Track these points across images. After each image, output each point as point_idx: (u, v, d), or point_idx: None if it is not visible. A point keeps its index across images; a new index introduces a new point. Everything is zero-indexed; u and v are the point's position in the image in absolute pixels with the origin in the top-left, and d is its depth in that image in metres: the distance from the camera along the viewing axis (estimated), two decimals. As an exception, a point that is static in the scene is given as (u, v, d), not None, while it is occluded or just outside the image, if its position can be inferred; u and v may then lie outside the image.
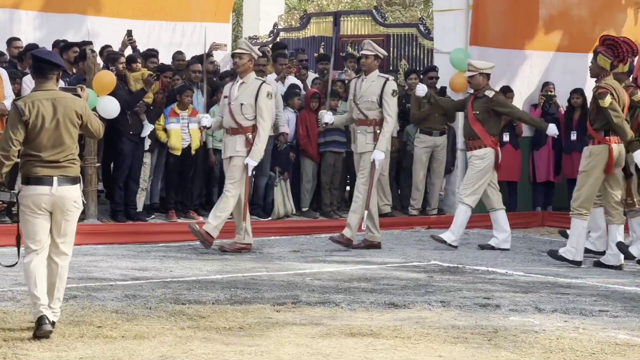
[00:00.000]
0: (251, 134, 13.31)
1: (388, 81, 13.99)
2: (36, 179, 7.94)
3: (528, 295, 10.73)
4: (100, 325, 8.62)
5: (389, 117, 13.82)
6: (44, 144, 7.95)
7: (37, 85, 8.14)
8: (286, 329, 8.78)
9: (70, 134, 8.09)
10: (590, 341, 8.50)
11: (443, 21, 18.17)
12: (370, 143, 13.89)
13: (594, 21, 19.09)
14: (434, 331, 8.79)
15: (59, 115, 7.97)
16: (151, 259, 12.70)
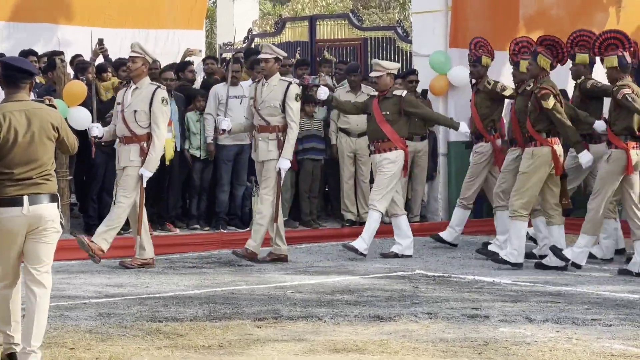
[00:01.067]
0: (146, 143, 12.86)
1: (291, 85, 13.58)
2: (6, 200, 7.31)
3: (517, 305, 10.61)
4: (73, 347, 8.51)
5: (292, 122, 13.42)
6: (16, 161, 7.33)
7: (8, 96, 7.51)
8: (268, 345, 8.67)
9: (46, 148, 7.49)
10: (585, 352, 8.42)
11: (422, 23, 18.15)
12: (274, 150, 13.45)
13: (575, 21, 19.02)
14: (421, 345, 8.69)
15: (34, 128, 7.39)
16: (126, 275, 12.55)
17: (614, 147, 12.80)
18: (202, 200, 15.89)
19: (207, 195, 15.89)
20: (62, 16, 17.94)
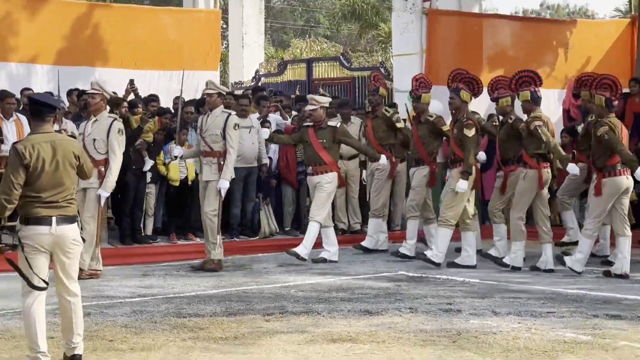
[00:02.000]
0: (103, 167, 12.49)
1: (230, 116, 13.16)
2: (36, 219, 7.13)
3: (485, 300, 10.57)
4: (112, 339, 8.49)
5: (231, 148, 12.98)
6: (44, 186, 7.15)
7: (35, 128, 7.38)
8: (275, 337, 8.63)
9: (69, 175, 7.33)
10: (542, 340, 8.40)
11: (401, 64, 18.20)
12: (216, 173, 13.03)
13: (530, 60, 19.10)
14: (405, 335, 8.65)
15: (59, 157, 7.21)
16: (155, 278, 12.52)
17: (529, 167, 12.89)
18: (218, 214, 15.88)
19: (222, 210, 15.87)
20: (100, 60, 17.99)
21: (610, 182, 12.23)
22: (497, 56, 18.98)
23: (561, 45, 19.71)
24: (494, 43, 19.14)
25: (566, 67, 18.71)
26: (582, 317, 9.46)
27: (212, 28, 20.20)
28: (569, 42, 19.82)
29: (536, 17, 39.45)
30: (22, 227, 7.14)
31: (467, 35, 18.71)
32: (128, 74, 17.25)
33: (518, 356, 7.78)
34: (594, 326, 9.01)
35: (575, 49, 19.75)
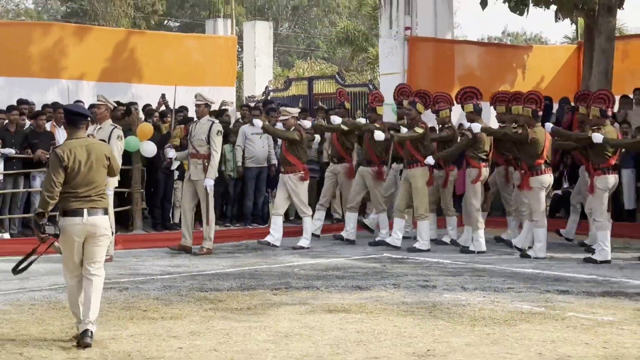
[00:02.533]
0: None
1: (214, 124, 12.83)
2: (71, 211, 7.07)
3: (456, 278, 10.57)
4: (146, 309, 8.52)
5: (214, 152, 12.63)
6: (79, 183, 7.08)
7: (70, 134, 7.28)
8: (281, 308, 8.65)
9: (101, 174, 7.26)
10: (503, 311, 8.42)
11: (386, 81, 18.13)
12: (201, 173, 12.64)
13: (493, 79, 19.14)
14: (389, 307, 8.68)
15: (92, 159, 7.15)
16: (182, 258, 12.49)
17: (472, 166, 13.01)
18: (234, 205, 15.90)
19: (237, 202, 15.91)
20: (135, 77, 17.98)
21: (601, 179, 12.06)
22: (466, 76, 18.95)
23: (519, 67, 19.70)
24: (464, 65, 19.13)
25: (524, 85, 18.64)
26: (537, 292, 9.48)
27: (229, 51, 20.21)
28: (526, 64, 19.81)
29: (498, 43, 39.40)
30: (60, 218, 7.11)
31: (441, 58, 18.70)
32: (159, 89, 17.30)
33: (483, 324, 7.78)
34: (546, 300, 9.03)
35: (531, 70, 19.73)
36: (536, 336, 7.27)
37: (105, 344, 7.03)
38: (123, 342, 7.09)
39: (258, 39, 23.21)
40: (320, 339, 7.20)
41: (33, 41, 16.89)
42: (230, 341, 7.14)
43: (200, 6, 50.94)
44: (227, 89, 19.43)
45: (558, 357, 6.58)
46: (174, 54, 18.83)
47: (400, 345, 6.97)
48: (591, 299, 9.06)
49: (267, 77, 23.09)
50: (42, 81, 16.61)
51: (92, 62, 17.47)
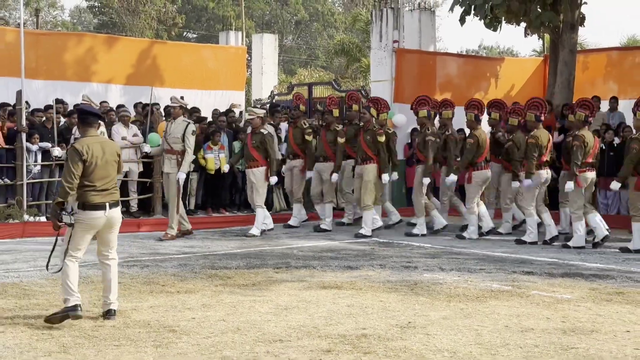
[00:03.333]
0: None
1: (189, 124, 12.41)
2: (93, 205, 6.80)
3: (434, 260, 10.57)
4: (164, 284, 8.52)
5: (188, 149, 12.26)
6: (97, 177, 6.82)
7: (85, 132, 7.03)
8: (282, 284, 8.65)
9: (114, 168, 7.01)
10: (476, 289, 8.42)
11: (376, 87, 18.11)
12: (175, 167, 12.29)
13: (470, 87, 19.09)
14: (376, 284, 8.68)
15: (107, 155, 6.91)
16: (196, 240, 12.48)
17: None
18: (242, 195, 15.85)
19: (244, 192, 15.83)
20: (157, 82, 17.89)
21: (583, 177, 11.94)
22: (446, 83, 18.94)
23: (493, 76, 19.65)
24: (444, 74, 19.09)
25: (496, 92, 18.66)
26: (505, 273, 9.49)
27: (240, 60, 20.17)
28: (499, 74, 19.77)
29: (475, 55, 39.34)
30: (80, 211, 6.79)
31: (424, 68, 18.67)
32: (178, 92, 17.25)
33: (457, 300, 7.78)
34: (513, 279, 9.03)
35: (503, 79, 19.69)
36: (504, 311, 7.28)
37: (128, 314, 7.03)
38: (143, 313, 7.10)
39: (265, 50, 23.16)
40: (316, 312, 7.20)
41: (68, 49, 16.87)
42: (237, 312, 7.14)
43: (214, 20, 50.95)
44: (237, 93, 19.41)
45: (522, 329, 6.59)
46: (191, 62, 18.80)
47: (385, 318, 6.97)
48: (552, 279, 9.07)
49: (273, 83, 23.05)
50: (75, 84, 16.58)
51: (120, 67, 17.44)
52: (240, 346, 5.96)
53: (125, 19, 46.32)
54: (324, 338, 6.22)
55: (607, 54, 19.60)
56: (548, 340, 6.21)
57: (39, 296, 7.76)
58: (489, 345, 6.05)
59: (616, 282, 8.95)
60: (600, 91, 17.45)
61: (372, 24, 19.02)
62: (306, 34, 57.22)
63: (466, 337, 6.31)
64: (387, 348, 5.94)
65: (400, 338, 6.25)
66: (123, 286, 8.26)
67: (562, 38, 17.02)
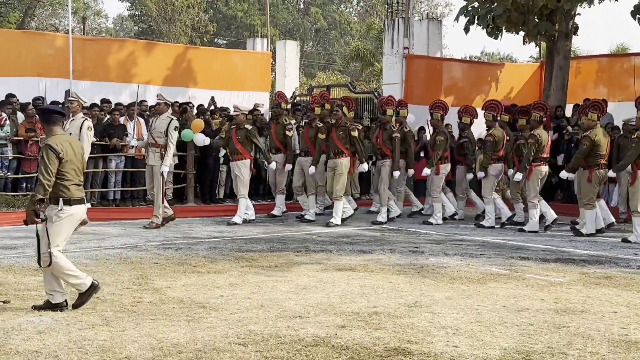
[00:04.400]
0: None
1: (172, 120, 11.82)
2: (77, 200, 6.30)
3: (439, 245, 10.52)
4: (195, 265, 8.51)
5: (171, 143, 11.69)
6: (74, 173, 6.31)
7: (51, 131, 6.37)
8: (302, 266, 8.63)
9: (82, 164, 6.46)
10: (476, 272, 8.38)
11: (388, 90, 18.03)
12: (158, 160, 11.70)
13: (472, 90, 19.04)
14: (386, 267, 8.65)
15: (76, 152, 6.35)
16: (224, 226, 12.47)
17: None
18: (265, 185, 15.80)
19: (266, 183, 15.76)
20: (191, 83, 17.96)
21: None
22: (451, 87, 18.87)
23: (493, 80, 19.56)
24: (449, 77, 19.02)
25: (496, 95, 18.56)
26: (503, 258, 9.44)
27: (265, 64, 20.16)
28: (499, 78, 19.67)
29: (477, 61, 39.09)
30: (67, 207, 6.26)
31: (431, 72, 18.61)
32: (210, 92, 17.31)
33: (460, 282, 7.75)
34: (510, 264, 8.98)
35: (503, 82, 19.59)
36: (502, 292, 7.24)
37: (163, 291, 7.05)
38: (177, 290, 7.10)
39: (288, 55, 23.13)
40: (331, 291, 7.19)
41: (111, 53, 16.92)
42: (260, 291, 7.14)
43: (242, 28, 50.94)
44: (262, 94, 19.39)
45: (518, 309, 6.55)
46: (221, 65, 18.80)
47: (394, 297, 6.95)
48: (546, 264, 9.02)
49: (294, 85, 23.02)
50: (118, 85, 16.64)
51: (157, 70, 17.47)
52: (264, 321, 5.96)
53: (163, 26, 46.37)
54: (339, 315, 6.21)
55: (598, 60, 19.50)
56: (542, 319, 6.17)
57: (84, 274, 7.78)
58: (488, 323, 6.02)
59: (604, 267, 8.89)
60: (591, 94, 17.31)
61: (385, 32, 18.96)
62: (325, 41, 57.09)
63: (467, 315, 6.29)
64: (396, 324, 5.92)
65: (408, 316, 6.23)
66: (159, 266, 8.29)
67: (557, 46, 16.91)
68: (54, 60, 15.66)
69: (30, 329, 5.60)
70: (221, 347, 5.19)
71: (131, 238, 10.59)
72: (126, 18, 56.14)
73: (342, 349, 5.21)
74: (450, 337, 5.58)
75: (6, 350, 5.04)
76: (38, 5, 43.11)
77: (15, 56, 15.48)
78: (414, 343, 5.39)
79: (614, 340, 5.57)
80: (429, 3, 48.00)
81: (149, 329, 5.64)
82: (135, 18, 52.62)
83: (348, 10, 59.10)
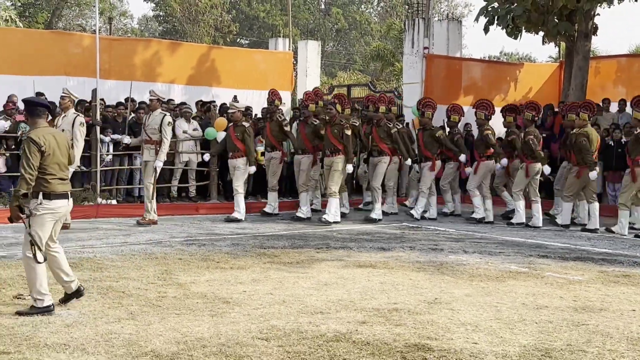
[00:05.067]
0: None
1: (165, 116, 11.58)
2: (59, 194, 6.00)
3: (459, 243, 10.49)
4: (218, 261, 8.52)
5: (165, 139, 11.43)
6: (58, 167, 6.02)
7: (35, 124, 6.11)
8: (323, 263, 8.62)
9: (67, 159, 6.18)
10: (496, 270, 8.34)
11: (408, 89, 18.06)
12: (153, 156, 11.47)
13: (492, 89, 18.95)
14: (406, 264, 8.63)
15: (60, 145, 6.07)
16: (247, 222, 12.46)
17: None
18: (287, 183, 15.74)
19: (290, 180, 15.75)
20: (215, 82, 17.97)
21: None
22: (471, 86, 18.80)
23: (512, 80, 19.46)
24: (469, 77, 18.96)
25: (515, 94, 18.51)
26: (522, 256, 9.39)
27: (287, 63, 20.15)
28: (518, 78, 19.57)
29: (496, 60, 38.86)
30: (47, 202, 5.98)
31: (451, 72, 18.55)
32: (233, 92, 17.32)
33: (479, 280, 7.72)
34: (529, 262, 8.93)
35: (522, 82, 19.49)
36: (521, 290, 7.21)
37: (187, 286, 7.08)
38: (200, 285, 7.13)
39: (309, 54, 23.10)
40: (352, 287, 7.19)
41: (137, 53, 17.00)
42: (282, 287, 7.15)
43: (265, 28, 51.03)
44: (284, 93, 19.39)
45: (537, 307, 6.51)
46: (244, 65, 18.82)
47: (414, 294, 6.94)
48: (565, 263, 8.96)
49: (316, 84, 22.99)
50: (143, 84, 16.69)
51: (181, 69, 17.52)
52: (286, 317, 5.97)
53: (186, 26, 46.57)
54: (360, 311, 6.21)
55: (617, 60, 19.34)
56: (561, 317, 6.14)
57: (110, 269, 7.84)
58: (507, 320, 5.99)
59: (623, 265, 8.82)
60: (610, 94, 17.22)
61: (405, 32, 18.92)
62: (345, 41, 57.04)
63: (487, 312, 6.26)
64: (416, 321, 5.91)
65: (428, 312, 6.22)
66: (183, 262, 8.33)
67: (576, 46, 16.80)
68: (81, 60, 15.76)
69: (58, 322, 5.65)
70: (244, 342, 5.21)
71: (156, 234, 10.64)
72: (151, 18, 56.44)
73: (363, 344, 5.21)
74: (470, 333, 5.57)
75: (35, 343, 5.09)
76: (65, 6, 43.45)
77: (43, 56, 15.60)
78: (434, 339, 5.38)
79: (632, 338, 5.52)
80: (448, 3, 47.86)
81: (173, 323, 5.67)
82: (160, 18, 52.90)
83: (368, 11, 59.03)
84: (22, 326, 5.51)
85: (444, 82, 18.27)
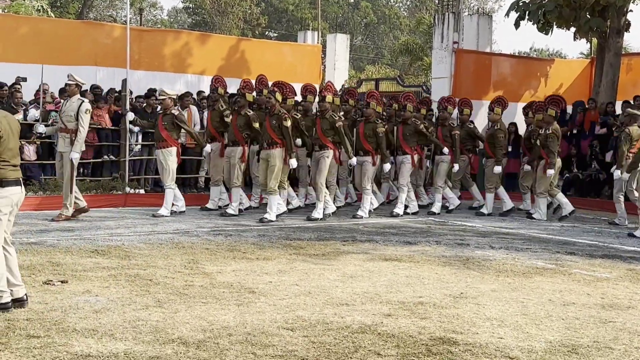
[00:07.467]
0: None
1: (83, 102, 10.69)
2: (11, 181, 5.53)
3: (485, 239, 10.43)
4: (245, 252, 8.56)
5: (82, 128, 10.58)
6: (11, 153, 5.56)
7: None
8: (348, 255, 8.63)
9: (18, 145, 5.72)
10: (522, 266, 8.28)
11: (437, 84, 18.02)
12: (68, 146, 10.62)
13: (521, 85, 18.84)
14: (432, 258, 8.60)
15: (14, 129, 5.60)
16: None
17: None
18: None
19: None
20: (244, 73, 17.97)
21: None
22: (500, 82, 18.70)
23: (543, 76, 19.33)
24: (498, 73, 18.86)
25: (545, 90, 18.37)
26: (549, 253, 9.32)
27: (315, 56, 20.22)
28: (548, 74, 19.42)
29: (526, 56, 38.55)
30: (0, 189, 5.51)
31: (480, 67, 18.46)
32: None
33: (505, 275, 7.67)
34: (556, 259, 8.86)
35: (552, 78, 19.35)
36: (547, 287, 7.16)
37: (214, 276, 7.12)
38: (227, 275, 7.17)
39: (337, 48, 23.14)
40: (378, 280, 7.19)
41: (167, 44, 17.14)
42: (308, 278, 7.17)
43: (293, 21, 51.07)
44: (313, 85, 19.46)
45: (564, 303, 6.47)
46: (273, 57, 18.90)
47: (440, 288, 6.92)
48: (593, 260, 8.88)
49: (344, 78, 23.03)
50: (173, 75, 16.85)
51: (211, 61, 17.65)
52: (311, 308, 5.99)
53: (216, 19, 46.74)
54: (385, 304, 6.21)
55: (650, 57, 19.11)
56: (588, 314, 6.09)
57: (137, 257, 7.92)
58: (533, 316, 5.96)
59: (652, 264, 8.74)
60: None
61: (435, 27, 18.83)
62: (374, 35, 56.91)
63: (513, 308, 6.23)
64: (441, 315, 5.90)
65: (453, 306, 6.21)
66: (210, 252, 8.39)
67: (608, 42, 16.63)
68: (111, 50, 15.92)
69: (87, 308, 5.72)
70: (270, 331, 5.24)
71: (183, 224, 10.72)
72: (180, 10, 56.71)
73: (388, 336, 5.22)
74: (496, 328, 5.55)
75: (64, 328, 5.16)
76: (96, -3, 43.79)
77: (74, 45, 15.77)
78: (459, 333, 5.37)
79: (661, 337, 5.47)
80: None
81: (200, 312, 5.72)
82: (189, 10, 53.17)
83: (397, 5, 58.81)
84: (52, 311, 5.59)
85: (473, 77, 18.21)
